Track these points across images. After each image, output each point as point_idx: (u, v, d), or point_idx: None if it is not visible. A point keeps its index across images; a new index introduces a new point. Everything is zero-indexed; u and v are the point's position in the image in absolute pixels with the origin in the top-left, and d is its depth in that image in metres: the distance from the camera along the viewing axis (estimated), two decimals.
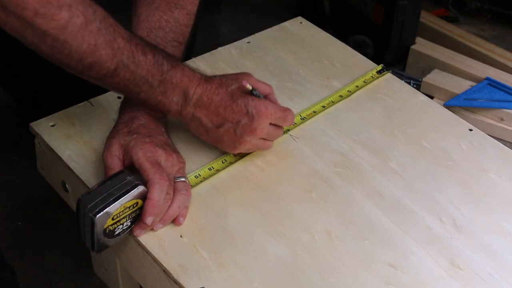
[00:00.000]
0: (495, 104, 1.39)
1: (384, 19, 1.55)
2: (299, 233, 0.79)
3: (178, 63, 0.82)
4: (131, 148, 0.78)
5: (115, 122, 0.85)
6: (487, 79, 1.45)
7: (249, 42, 1.12)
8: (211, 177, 0.85)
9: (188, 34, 0.94)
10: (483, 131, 0.99)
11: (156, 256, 0.75)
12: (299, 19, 1.20)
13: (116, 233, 0.74)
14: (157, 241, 0.77)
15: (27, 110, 1.26)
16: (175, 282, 0.73)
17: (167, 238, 0.77)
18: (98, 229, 0.72)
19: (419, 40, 1.59)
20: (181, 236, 0.78)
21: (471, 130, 0.99)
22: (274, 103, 0.87)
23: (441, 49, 1.56)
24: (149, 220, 0.75)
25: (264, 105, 0.83)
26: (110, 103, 0.95)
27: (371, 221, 0.82)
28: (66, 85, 1.23)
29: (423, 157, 0.92)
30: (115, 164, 0.79)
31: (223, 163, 0.87)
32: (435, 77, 1.47)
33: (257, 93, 0.84)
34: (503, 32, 1.78)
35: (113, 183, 0.74)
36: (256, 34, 1.14)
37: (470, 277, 0.77)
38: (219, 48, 1.10)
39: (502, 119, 1.39)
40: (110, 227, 0.73)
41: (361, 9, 1.60)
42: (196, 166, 0.86)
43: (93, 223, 0.71)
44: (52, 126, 0.91)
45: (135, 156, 0.77)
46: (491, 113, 1.39)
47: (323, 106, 0.99)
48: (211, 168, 0.86)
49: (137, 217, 0.76)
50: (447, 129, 0.98)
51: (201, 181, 0.84)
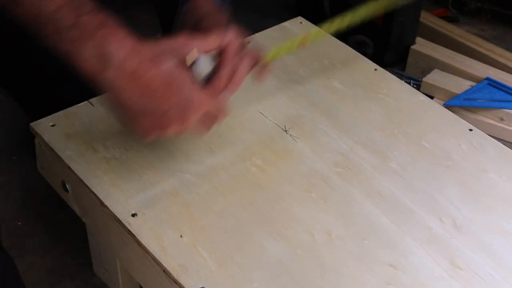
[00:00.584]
0: (495, 104, 1.39)
1: (384, 19, 1.55)
2: (299, 233, 0.79)
3: (105, 12, 0.67)
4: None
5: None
6: (487, 79, 1.45)
7: (249, 42, 1.12)
8: (211, 175, 0.85)
9: None
10: (483, 131, 0.99)
11: (156, 256, 0.75)
12: (299, 19, 1.20)
13: None
14: (157, 241, 0.77)
15: (27, 110, 1.25)
16: (175, 282, 0.73)
17: (167, 238, 0.77)
18: None
19: (419, 40, 1.59)
20: (181, 236, 0.78)
21: (471, 130, 0.99)
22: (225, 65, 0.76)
23: (441, 49, 1.56)
24: None
25: (199, 98, 0.72)
26: None
27: (371, 221, 0.82)
28: (66, 85, 1.23)
29: (423, 157, 0.92)
30: None
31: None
32: (435, 77, 1.47)
33: (199, 70, 0.74)
34: (503, 32, 1.78)
35: None
36: (256, 34, 1.14)
37: (470, 277, 0.77)
38: None
39: (502, 119, 1.39)
40: None
41: None
42: (196, 165, 0.87)
43: None
44: (52, 126, 0.91)
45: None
46: (491, 113, 1.39)
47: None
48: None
49: None
50: (447, 129, 0.98)
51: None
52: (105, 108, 0.73)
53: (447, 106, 1.38)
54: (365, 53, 1.15)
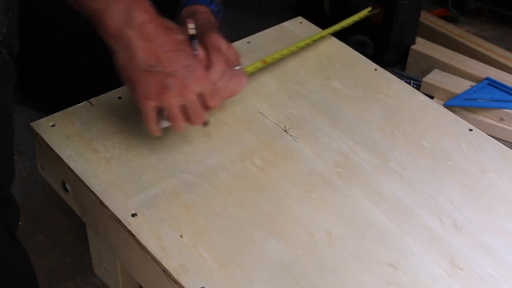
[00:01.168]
0: (495, 104, 1.39)
1: (384, 19, 1.55)
2: (299, 233, 0.79)
3: None
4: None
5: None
6: (487, 79, 1.45)
7: (249, 42, 1.12)
8: (211, 175, 0.85)
9: None
10: (483, 131, 0.99)
11: (156, 256, 0.75)
12: (299, 19, 1.20)
13: None
14: (157, 241, 0.77)
15: (34, 104, 1.24)
16: (175, 282, 0.73)
17: (167, 238, 0.77)
18: None
19: (419, 40, 1.59)
20: (181, 236, 0.78)
21: (471, 130, 0.99)
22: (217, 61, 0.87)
23: (441, 49, 1.56)
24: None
25: (203, 72, 0.82)
26: (110, 103, 0.95)
27: (371, 221, 0.82)
28: (66, 85, 1.23)
29: (423, 157, 0.92)
30: None
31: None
32: (435, 77, 1.47)
33: (196, 44, 0.85)
34: (503, 32, 1.78)
35: None
36: (256, 34, 1.14)
37: (470, 277, 0.77)
38: None
39: (502, 119, 1.39)
40: None
41: (361, 9, 1.60)
42: (196, 165, 0.87)
43: None
44: (52, 126, 0.91)
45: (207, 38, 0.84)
46: (491, 113, 1.39)
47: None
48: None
49: None
50: (447, 129, 0.98)
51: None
52: (118, 67, 0.81)
53: (447, 106, 1.38)
54: (365, 53, 1.15)
